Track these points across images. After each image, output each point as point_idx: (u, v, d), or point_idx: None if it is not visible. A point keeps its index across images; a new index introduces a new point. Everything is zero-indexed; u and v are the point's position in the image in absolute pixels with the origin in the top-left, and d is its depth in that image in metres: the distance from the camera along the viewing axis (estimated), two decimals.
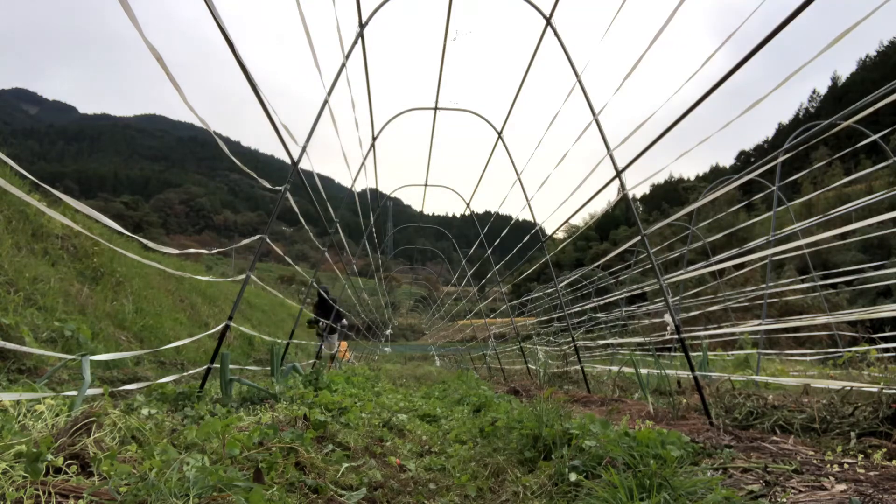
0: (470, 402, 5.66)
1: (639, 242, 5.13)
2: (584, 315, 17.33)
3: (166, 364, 6.70)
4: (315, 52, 4.88)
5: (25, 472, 1.57)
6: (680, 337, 4.13)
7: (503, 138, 9.04)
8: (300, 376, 5.41)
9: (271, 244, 4.83)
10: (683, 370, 5.78)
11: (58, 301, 6.14)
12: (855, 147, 8.08)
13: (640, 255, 14.47)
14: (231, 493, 1.63)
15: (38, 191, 7.03)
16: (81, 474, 1.73)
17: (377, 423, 4.07)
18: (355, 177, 8.77)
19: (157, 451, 1.88)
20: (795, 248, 5.81)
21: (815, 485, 2.11)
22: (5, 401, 2.34)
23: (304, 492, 2.09)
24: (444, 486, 2.57)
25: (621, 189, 4.86)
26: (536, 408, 3.26)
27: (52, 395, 2.66)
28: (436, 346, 34.38)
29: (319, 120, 5.35)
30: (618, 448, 2.40)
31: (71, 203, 2.63)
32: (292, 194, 5.04)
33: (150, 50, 2.74)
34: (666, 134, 3.93)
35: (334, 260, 9.41)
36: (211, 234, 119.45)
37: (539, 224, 9.09)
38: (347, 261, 11.72)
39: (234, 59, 3.45)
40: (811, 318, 8.19)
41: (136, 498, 1.50)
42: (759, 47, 3.01)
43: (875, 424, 3.10)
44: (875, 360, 6.95)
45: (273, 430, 2.55)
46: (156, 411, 3.01)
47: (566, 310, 9.39)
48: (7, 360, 4.19)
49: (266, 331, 14.14)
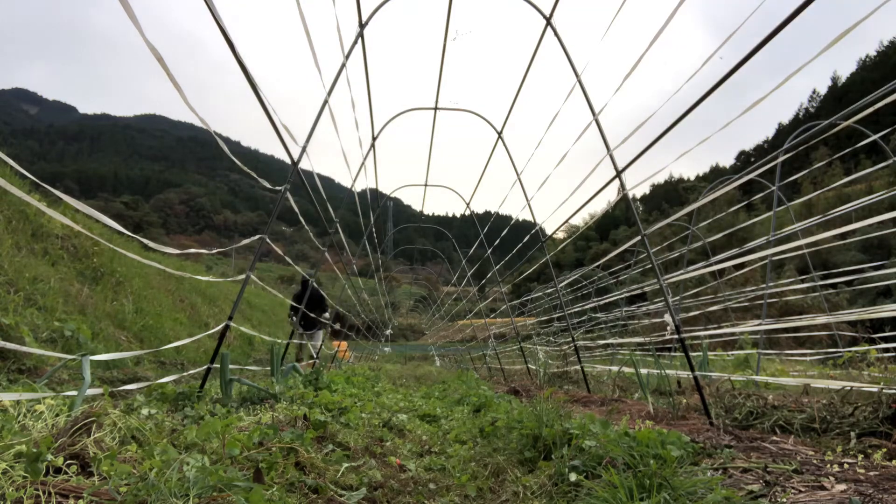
0: (470, 402, 5.66)
1: (639, 242, 5.13)
2: (584, 315, 17.33)
3: (166, 364, 6.70)
4: (315, 52, 4.88)
5: (25, 473, 1.57)
6: (680, 337, 4.13)
7: (503, 138, 9.04)
8: (300, 376, 5.41)
9: (271, 244, 4.83)
10: (683, 370, 5.78)
11: (58, 301, 6.14)
12: (855, 147, 8.08)
13: (640, 255, 14.47)
14: (231, 493, 1.63)
15: (38, 191, 7.04)
16: (81, 474, 1.73)
17: (377, 423, 4.07)
18: (355, 177, 8.77)
19: (157, 451, 1.88)
20: (795, 248, 5.81)
21: (815, 485, 2.11)
22: (5, 401, 2.34)
23: (304, 492, 2.09)
24: (444, 486, 2.57)
25: (621, 189, 4.86)
26: (536, 408, 3.26)
27: (52, 395, 2.66)
28: (436, 346, 34.38)
29: (319, 120, 5.35)
30: (618, 448, 2.40)
31: (71, 203, 2.63)
32: (292, 194, 5.04)
33: (151, 50, 2.74)
34: (666, 134, 3.94)
35: (334, 260, 9.41)
36: (211, 234, 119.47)
37: (539, 224, 9.09)
38: (347, 261, 11.72)
39: (234, 58, 3.45)
40: (811, 318, 8.19)
41: (136, 498, 1.50)
42: (760, 47, 3.01)
43: (875, 424, 3.10)
44: (875, 360, 6.94)
45: (273, 431, 2.55)
46: (156, 411, 3.01)
47: (566, 310, 9.39)
48: (7, 360, 4.19)
49: (266, 331, 14.15)
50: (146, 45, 2.71)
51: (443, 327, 34.23)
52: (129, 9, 2.51)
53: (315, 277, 8.08)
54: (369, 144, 9.29)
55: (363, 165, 9.10)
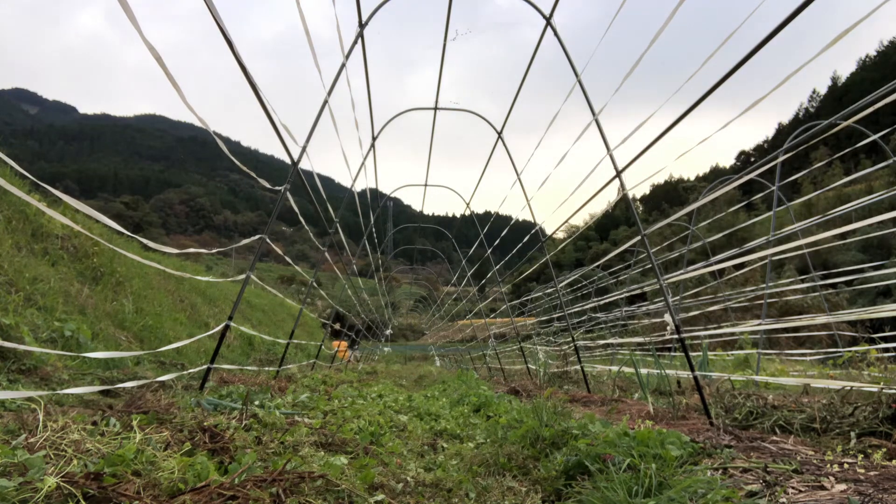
0: (470, 402, 5.66)
1: (639, 242, 5.13)
2: (584, 315, 17.32)
3: (166, 364, 6.69)
4: (315, 52, 4.88)
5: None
6: (680, 337, 4.13)
7: (503, 138, 9.04)
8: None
9: (271, 244, 4.83)
10: (683, 370, 5.78)
11: (58, 301, 6.13)
12: (855, 147, 8.08)
13: (640, 255, 14.47)
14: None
15: (38, 191, 7.03)
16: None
17: (377, 423, 4.07)
18: (355, 177, 8.77)
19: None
20: (795, 248, 5.81)
21: (815, 485, 2.11)
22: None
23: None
24: (444, 486, 2.56)
25: (621, 189, 4.86)
26: (536, 408, 3.26)
27: (47, 393, 2.66)
28: (436, 346, 34.38)
29: (319, 120, 5.35)
30: (618, 448, 2.40)
31: (71, 203, 2.63)
32: (292, 194, 5.05)
33: (150, 50, 2.74)
34: (666, 134, 3.94)
35: (334, 260, 9.41)
36: (211, 234, 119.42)
37: (539, 224, 9.09)
38: (347, 261, 11.72)
39: (234, 59, 3.46)
40: (811, 318, 8.19)
41: None
42: (759, 47, 3.02)
43: (875, 424, 3.10)
44: (875, 360, 6.93)
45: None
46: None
47: (566, 310, 9.39)
48: (7, 360, 4.19)
49: (266, 331, 14.14)
50: (146, 45, 2.71)
51: (443, 327, 34.23)
52: (129, 9, 2.51)
53: (315, 278, 8.10)
54: (369, 144, 9.29)
55: (363, 165, 9.11)
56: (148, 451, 1.97)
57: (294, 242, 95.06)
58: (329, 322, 16.35)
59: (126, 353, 3.97)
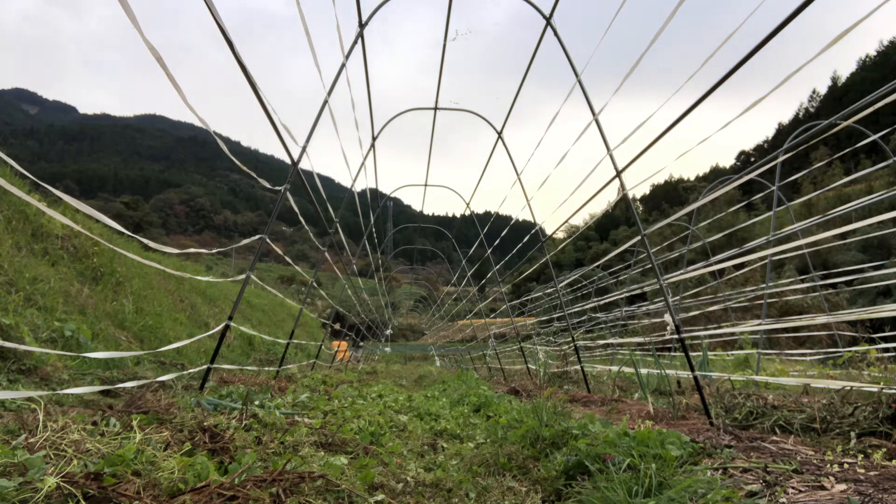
0: (470, 402, 5.66)
1: (639, 242, 5.13)
2: (584, 315, 17.32)
3: (166, 364, 6.69)
4: (315, 52, 4.88)
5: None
6: (680, 337, 4.13)
7: (503, 138, 9.04)
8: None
9: (271, 244, 4.83)
10: (683, 370, 5.78)
11: (58, 301, 6.13)
12: (855, 147, 8.08)
13: (640, 255, 14.47)
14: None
15: (38, 191, 7.03)
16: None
17: (377, 423, 4.07)
18: (355, 177, 8.77)
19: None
20: (795, 248, 5.82)
21: (815, 485, 2.11)
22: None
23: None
24: (444, 486, 2.56)
25: (621, 189, 4.86)
26: (536, 408, 3.26)
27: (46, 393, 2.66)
28: (436, 346, 34.37)
29: (319, 120, 5.35)
30: (618, 448, 2.40)
31: (71, 203, 2.63)
32: (292, 194, 5.05)
33: (150, 50, 2.74)
34: (666, 134, 3.94)
35: (334, 260, 9.41)
36: (211, 234, 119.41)
37: (539, 224, 9.09)
38: (347, 261, 11.72)
39: (234, 58, 3.46)
40: (811, 318, 8.19)
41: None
42: (759, 47, 3.02)
43: (875, 424, 3.10)
44: (875, 360, 6.93)
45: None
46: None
47: (566, 310, 9.39)
48: (7, 360, 4.19)
49: (266, 331, 14.14)
50: (146, 45, 2.71)
51: (443, 327, 34.23)
52: (129, 8, 2.51)
53: (315, 278, 8.10)
54: (369, 144, 9.29)
55: (363, 165, 9.11)
56: (148, 451, 1.97)
57: (294, 242, 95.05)
58: (329, 322, 16.36)
59: (126, 353, 3.97)
